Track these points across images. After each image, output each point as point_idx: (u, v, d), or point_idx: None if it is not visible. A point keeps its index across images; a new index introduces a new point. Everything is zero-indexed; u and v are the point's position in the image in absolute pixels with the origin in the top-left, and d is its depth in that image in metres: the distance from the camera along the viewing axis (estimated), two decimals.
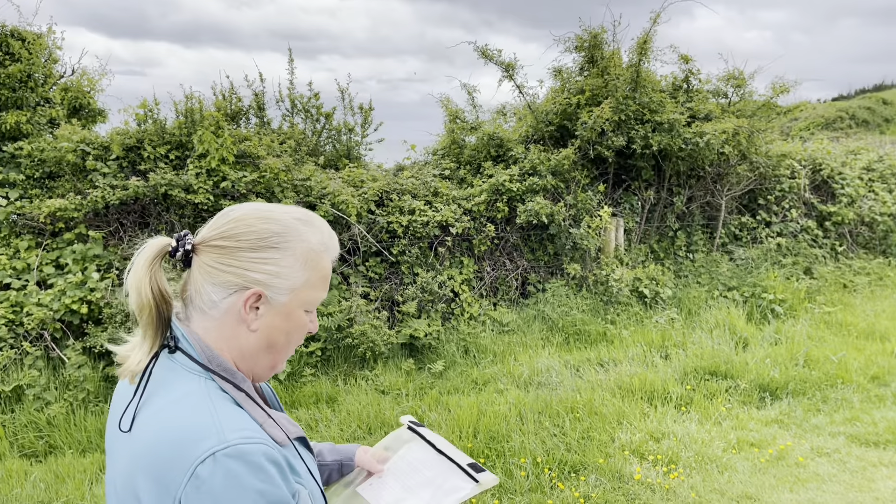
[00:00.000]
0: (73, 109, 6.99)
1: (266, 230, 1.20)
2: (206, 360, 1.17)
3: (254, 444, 1.06)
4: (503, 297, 7.17)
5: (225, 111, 6.95)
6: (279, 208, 1.26)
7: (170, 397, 1.12)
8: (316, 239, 1.25)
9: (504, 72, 8.10)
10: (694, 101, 8.62)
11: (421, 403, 5.16)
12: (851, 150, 10.80)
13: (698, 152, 8.02)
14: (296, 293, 1.22)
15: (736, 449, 4.55)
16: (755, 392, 5.44)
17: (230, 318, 1.20)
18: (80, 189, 5.95)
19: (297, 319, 1.25)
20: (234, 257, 1.18)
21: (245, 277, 1.18)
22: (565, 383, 5.48)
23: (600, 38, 8.26)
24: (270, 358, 1.25)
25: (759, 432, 4.81)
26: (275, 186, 6.22)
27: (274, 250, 1.20)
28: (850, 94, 59.36)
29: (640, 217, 8.30)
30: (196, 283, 1.21)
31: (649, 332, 6.61)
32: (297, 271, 1.21)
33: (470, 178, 7.60)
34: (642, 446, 4.50)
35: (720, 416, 5.03)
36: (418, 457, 1.60)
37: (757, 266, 8.17)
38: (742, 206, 9.11)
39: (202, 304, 1.20)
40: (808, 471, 4.28)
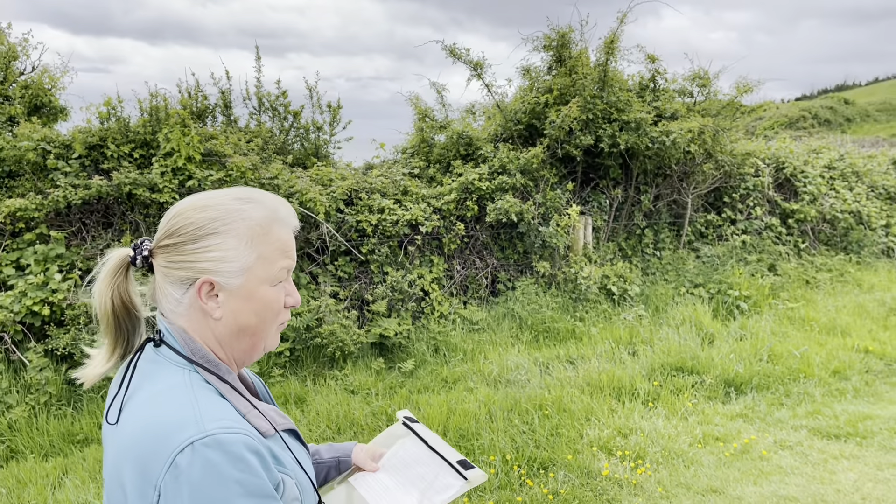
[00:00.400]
0: (34, 107, 6.85)
1: (202, 218, 1.20)
2: (190, 353, 1.19)
3: (233, 434, 1.07)
4: (473, 296, 7.18)
5: (191, 109, 6.86)
6: (217, 193, 1.26)
7: (154, 389, 1.14)
8: (259, 214, 1.23)
9: (472, 71, 8.12)
10: (660, 100, 8.71)
11: (391, 402, 5.15)
12: (813, 149, 11.02)
13: (665, 151, 8.11)
14: (250, 272, 1.21)
15: (701, 443, 4.62)
16: (720, 387, 5.52)
17: (195, 311, 1.21)
18: (40, 188, 5.83)
19: (262, 297, 1.23)
20: (180, 252, 1.20)
21: (193, 269, 1.19)
22: (534, 381, 5.51)
23: (568, 38, 8.32)
24: (247, 341, 1.25)
25: (724, 427, 4.88)
26: (241, 185, 6.15)
27: (213, 236, 1.19)
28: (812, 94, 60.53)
29: (608, 215, 8.37)
30: (160, 286, 1.23)
31: (617, 329, 6.67)
32: (243, 251, 1.20)
33: (439, 177, 7.60)
34: (610, 442, 4.55)
35: (686, 411, 5.10)
36: (411, 453, 1.63)
37: (722, 263, 8.30)
38: (708, 204, 9.24)
39: (168, 305, 1.22)
40: (772, 464, 4.35)
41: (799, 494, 3.97)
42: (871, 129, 38.52)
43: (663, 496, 3.96)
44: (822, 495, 3.97)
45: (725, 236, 8.91)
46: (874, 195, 10.52)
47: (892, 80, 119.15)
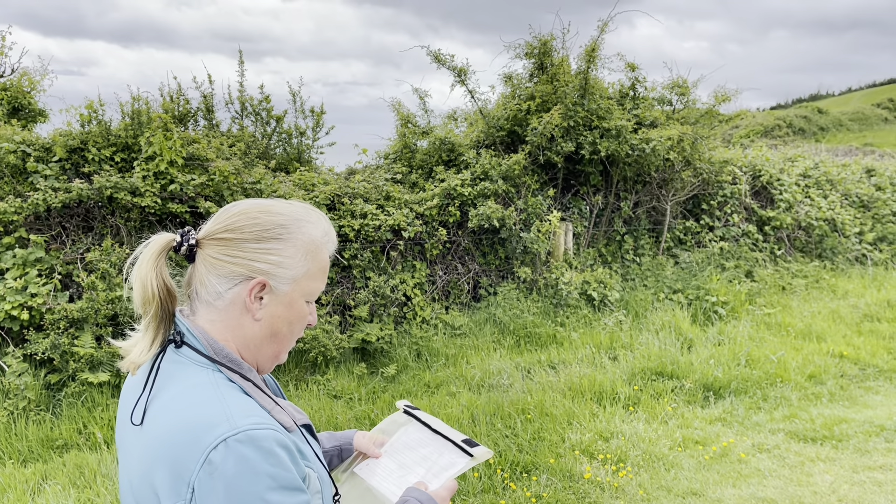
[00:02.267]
0: (13, 109, 6.78)
1: (269, 221, 1.26)
2: (213, 353, 1.22)
3: (264, 430, 1.10)
4: (455, 301, 7.21)
5: (173, 113, 6.83)
6: (280, 202, 1.32)
7: (178, 389, 1.16)
8: (316, 232, 1.30)
9: (456, 77, 8.17)
10: (640, 108, 8.82)
11: (373, 408, 5.16)
12: (789, 158, 11.21)
13: (645, 158, 8.21)
14: (297, 283, 1.27)
15: (681, 447, 4.68)
16: (699, 391, 5.60)
17: (235, 308, 1.24)
18: (20, 192, 5.77)
19: (298, 309, 1.30)
20: (239, 248, 1.23)
21: (249, 267, 1.23)
22: (516, 385, 5.55)
23: (550, 46, 8.40)
24: (274, 347, 1.30)
25: (704, 430, 4.95)
26: (224, 190, 6.14)
27: (277, 241, 1.25)
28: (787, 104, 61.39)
29: (589, 221, 8.45)
30: (201, 275, 1.25)
31: (598, 334, 6.73)
32: (299, 261, 1.27)
33: (422, 183, 7.63)
34: (592, 446, 4.60)
35: (666, 415, 5.17)
36: (414, 437, 1.66)
37: (701, 269, 8.41)
38: (686, 211, 9.36)
39: (207, 296, 1.25)
40: (750, 467, 4.43)
41: (777, 497, 4.04)
42: (844, 137, 39.18)
43: (644, 499, 4.01)
44: (800, 497, 4.05)
45: (704, 243, 9.03)
46: (848, 203, 10.72)
47: (865, 90, 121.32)
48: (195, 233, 1.26)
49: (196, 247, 1.25)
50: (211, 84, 7.26)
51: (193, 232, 1.26)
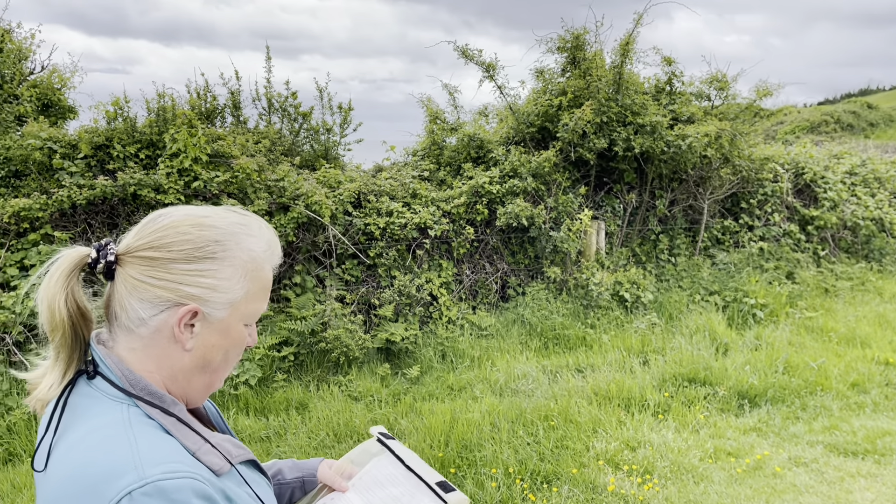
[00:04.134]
0: (43, 106, 6.83)
1: (202, 237, 1.09)
2: (128, 385, 1.05)
3: (178, 479, 0.95)
4: (482, 301, 7.07)
5: (199, 110, 6.81)
6: (215, 213, 1.15)
7: (86, 429, 1.00)
8: (257, 247, 1.14)
9: (485, 72, 8.01)
10: (677, 103, 8.55)
11: (394, 410, 5.05)
12: (835, 155, 10.77)
13: (681, 155, 7.95)
14: (235, 307, 1.12)
15: (713, 458, 4.47)
16: (734, 399, 5.36)
17: (161, 336, 1.08)
18: (46, 188, 5.79)
19: (235, 335, 1.14)
20: (166, 269, 1.07)
21: (178, 292, 1.07)
22: (541, 390, 5.38)
23: (583, 40, 8.18)
24: (206, 378, 1.15)
25: (737, 441, 4.73)
26: (248, 187, 6.08)
27: (211, 261, 1.09)
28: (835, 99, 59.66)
29: (622, 220, 8.22)
30: (121, 298, 1.08)
31: (629, 337, 6.52)
32: (237, 283, 1.11)
33: (449, 180, 7.50)
34: (617, 455, 4.41)
35: (698, 423, 4.95)
36: (385, 472, 1.49)
37: (739, 270, 8.11)
38: (724, 210, 9.05)
39: (128, 322, 1.08)
40: (786, 481, 4.20)
41: None
42: (895, 133, 37.86)
43: None
44: None
45: (742, 243, 8.72)
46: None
47: None
48: (115, 246, 1.10)
49: (115, 264, 1.09)
50: (238, 80, 7.22)
51: (113, 245, 1.10)
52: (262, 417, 4.97)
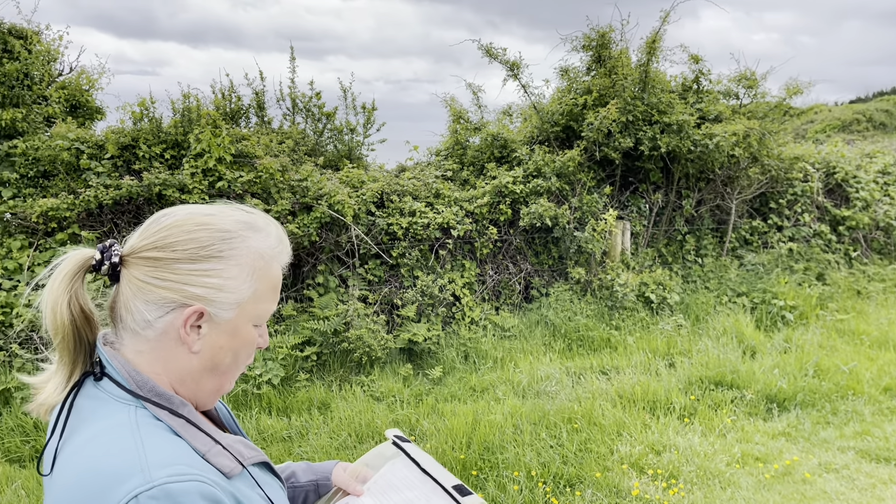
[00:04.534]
0: (71, 108, 6.91)
1: (206, 237, 1.06)
2: (136, 387, 1.03)
3: (186, 482, 0.92)
4: (505, 302, 7.02)
5: (224, 110, 6.85)
6: (220, 210, 1.12)
7: (92, 431, 0.98)
8: (264, 244, 1.12)
9: (509, 71, 7.95)
10: (704, 102, 8.42)
11: (416, 411, 5.02)
12: (867, 154, 10.54)
13: (708, 154, 7.83)
14: (243, 307, 1.09)
15: (740, 463, 4.38)
16: (762, 403, 5.25)
17: (168, 338, 1.06)
18: (73, 188, 5.86)
19: (244, 336, 1.11)
20: (171, 270, 1.04)
21: (183, 293, 1.04)
22: (565, 392, 5.32)
23: (608, 38, 8.09)
24: (215, 381, 1.12)
25: (765, 446, 4.63)
26: (271, 187, 6.10)
27: (216, 260, 1.06)
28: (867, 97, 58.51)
29: (648, 220, 8.12)
30: (126, 300, 1.06)
31: (654, 339, 6.43)
32: (243, 283, 1.08)
33: (473, 180, 7.46)
34: (642, 459, 4.34)
35: (725, 428, 4.86)
36: (400, 476, 1.46)
37: (767, 271, 7.97)
38: (753, 210, 8.90)
39: (134, 324, 1.06)
40: (816, 488, 4.10)
41: None
42: None
43: None
44: None
45: (771, 243, 8.56)
46: None
47: None
48: (119, 247, 1.08)
49: (120, 265, 1.07)
50: (262, 81, 7.25)
51: (118, 247, 1.07)
52: (285, 417, 4.98)
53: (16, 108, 6.15)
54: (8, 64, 6.11)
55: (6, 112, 6.01)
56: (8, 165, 6.02)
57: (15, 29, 6.37)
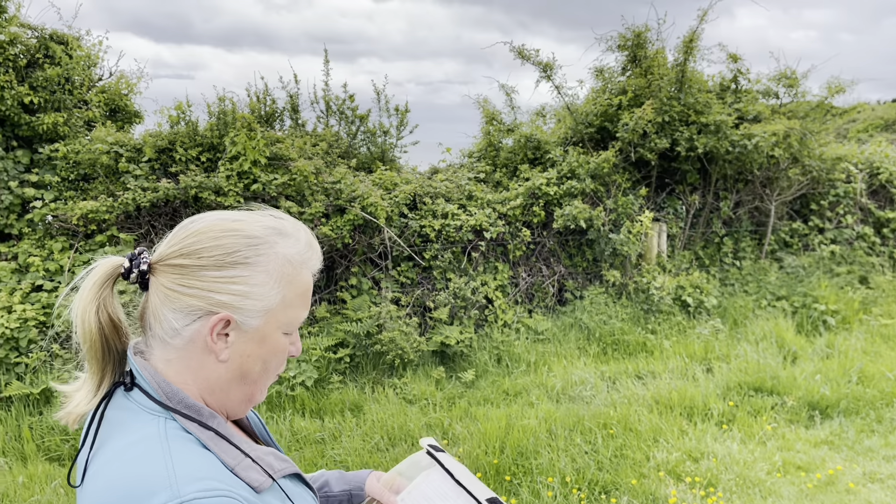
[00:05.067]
0: (110, 112, 7.03)
1: (233, 244, 1.04)
2: (165, 398, 1.02)
3: (214, 497, 0.91)
4: (539, 305, 6.96)
5: (259, 113, 6.90)
6: (248, 216, 1.10)
7: (121, 443, 0.97)
8: (293, 250, 1.09)
9: (542, 72, 7.89)
10: (742, 101, 8.27)
11: (448, 414, 4.99)
12: None
13: (746, 155, 7.68)
14: (271, 315, 1.06)
15: (781, 472, 4.27)
16: (804, 410, 5.12)
17: (195, 347, 1.04)
18: (112, 191, 5.95)
19: (274, 344, 1.09)
20: (197, 277, 1.03)
21: (210, 300, 1.02)
22: (600, 397, 5.25)
23: (644, 37, 7.98)
24: (245, 390, 1.10)
25: (807, 454, 4.51)
26: (305, 189, 6.13)
27: (243, 266, 1.04)
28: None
29: (685, 222, 7.99)
30: (154, 308, 1.05)
31: (691, 344, 6.32)
32: (270, 290, 1.06)
33: (506, 182, 7.41)
34: (679, 466, 4.26)
35: (765, 435, 4.75)
36: (435, 487, 1.43)
37: (808, 274, 7.79)
38: (793, 212, 8.71)
39: (162, 333, 1.05)
40: (860, 498, 3.98)
41: None
42: None
43: None
44: None
45: (812, 246, 8.37)
46: None
47: None
48: (148, 255, 1.06)
49: (149, 273, 1.06)
50: (297, 84, 7.29)
51: (147, 254, 1.06)
52: (318, 419, 4.99)
53: (57, 113, 6.27)
54: (49, 69, 6.24)
55: (48, 116, 6.13)
56: (50, 169, 6.14)
57: (56, 34, 6.50)
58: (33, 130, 6.15)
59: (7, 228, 5.93)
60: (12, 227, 5.92)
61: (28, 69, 6.29)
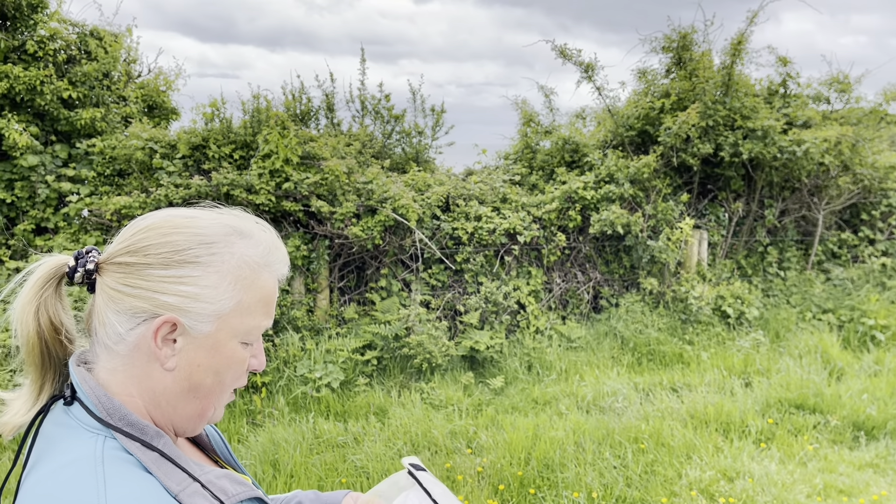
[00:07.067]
0: (148, 108, 7.08)
1: (183, 241, 0.95)
2: (105, 414, 0.92)
3: None
4: (573, 311, 6.79)
5: (293, 111, 6.87)
6: (205, 213, 1.01)
7: (54, 464, 0.88)
8: (252, 252, 0.99)
9: (583, 73, 7.71)
10: (791, 106, 7.97)
11: (474, 422, 4.87)
12: None
13: (795, 162, 7.40)
14: (224, 320, 0.96)
15: (822, 496, 4.05)
16: (848, 430, 4.87)
17: (140, 354, 0.95)
18: (145, 187, 5.97)
19: (228, 353, 0.98)
20: (141, 276, 0.93)
21: (154, 301, 0.93)
22: (632, 409, 5.07)
23: (690, 39, 7.75)
24: (195, 404, 0.99)
25: (851, 477, 4.27)
26: (337, 189, 6.07)
27: (192, 266, 0.94)
28: None
29: (727, 230, 7.73)
30: (99, 311, 0.96)
31: (731, 356, 6.09)
32: (223, 292, 0.96)
33: (542, 185, 7.25)
34: (713, 486, 4.06)
35: (805, 455, 4.52)
36: None
37: (857, 287, 7.46)
38: (842, 222, 8.37)
39: (107, 339, 0.95)
40: None
41: None
42: None
43: None
44: None
45: (862, 258, 8.02)
46: None
47: None
48: (97, 254, 0.97)
49: (95, 273, 0.96)
50: (332, 82, 7.25)
51: (95, 253, 0.97)
52: (342, 422, 4.91)
53: (95, 108, 6.33)
54: (88, 65, 6.30)
55: (86, 112, 6.19)
56: (86, 164, 6.20)
57: (96, 31, 6.56)
58: (71, 125, 6.22)
59: (43, 222, 6.00)
60: (48, 220, 5.99)
61: (68, 64, 6.36)
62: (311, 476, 4.08)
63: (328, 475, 4.11)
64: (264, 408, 5.02)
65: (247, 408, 5.06)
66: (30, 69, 5.97)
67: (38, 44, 6.09)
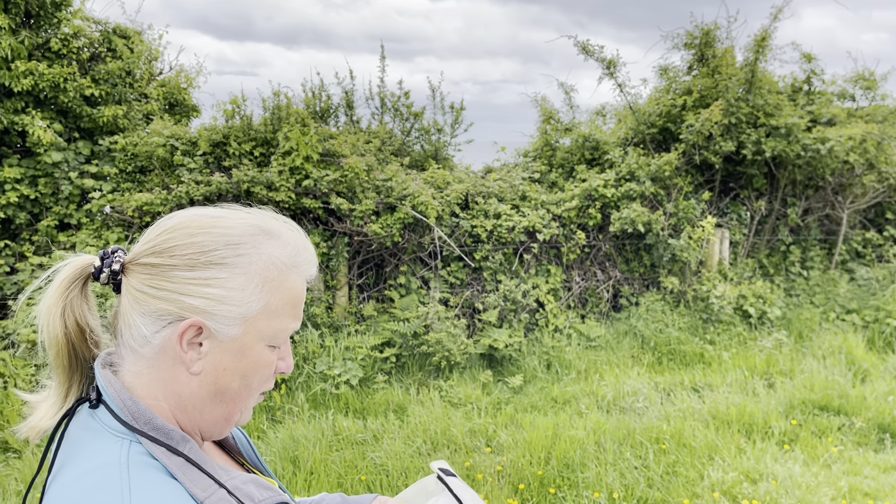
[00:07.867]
0: (169, 105, 7.12)
1: (209, 242, 0.93)
2: (131, 418, 0.90)
3: None
4: (592, 310, 6.74)
5: (313, 109, 6.88)
6: (232, 213, 0.98)
7: (79, 470, 0.86)
8: (280, 253, 0.97)
9: (605, 69, 7.65)
10: (815, 104, 7.86)
11: (493, 420, 4.85)
12: None
13: (819, 160, 7.30)
14: (251, 323, 0.94)
15: (847, 498, 3.99)
16: (873, 432, 4.79)
17: (166, 357, 0.93)
18: (167, 184, 6.01)
19: (255, 357, 0.96)
20: (167, 278, 0.91)
21: (180, 304, 0.91)
22: (653, 409, 5.02)
23: (713, 35, 7.66)
24: (222, 409, 0.97)
25: (876, 480, 4.20)
26: (356, 186, 6.07)
27: (219, 267, 0.92)
28: None
29: (749, 229, 7.64)
30: (125, 313, 0.94)
31: (753, 356, 6.02)
32: (251, 294, 0.93)
33: (561, 182, 7.21)
34: (735, 487, 4.01)
35: (830, 457, 4.45)
36: None
37: (882, 287, 7.35)
38: (867, 221, 8.25)
39: (132, 341, 0.93)
40: None
41: None
42: None
43: None
44: None
45: (887, 257, 7.90)
46: None
47: None
48: (123, 254, 0.95)
49: (121, 273, 0.94)
50: (352, 80, 7.26)
51: (121, 253, 0.95)
52: (361, 419, 4.91)
53: (118, 105, 6.37)
54: (111, 62, 6.34)
55: (108, 109, 6.23)
56: (108, 160, 6.24)
57: (119, 28, 6.61)
58: (94, 122, 6.26)
59: (66, 218, 6.05)
60: (71, 216, 6.04)
61: (91, 62, 6.41)
62: (331, 473, 4.08)
63: (347, 472, 4.11)
64: (284, 404, 5.03)
65: (266, 404, 5.07)
66: (53, 66, 6.02)
67: (62, 41, 6.13)
